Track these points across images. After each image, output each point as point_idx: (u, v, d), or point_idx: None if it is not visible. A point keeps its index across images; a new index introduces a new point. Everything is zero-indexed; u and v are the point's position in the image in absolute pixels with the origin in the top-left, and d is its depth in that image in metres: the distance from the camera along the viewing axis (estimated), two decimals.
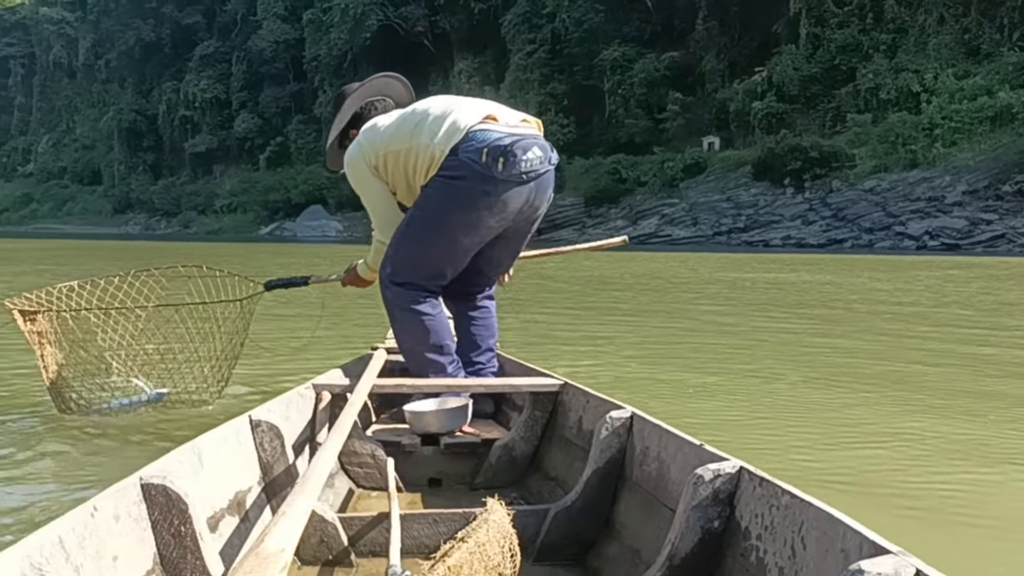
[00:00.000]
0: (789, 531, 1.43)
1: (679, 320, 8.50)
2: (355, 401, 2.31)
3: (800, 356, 5.71)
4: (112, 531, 1.41)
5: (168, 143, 77.26)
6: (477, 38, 59.99)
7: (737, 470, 1.64)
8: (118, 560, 1.40)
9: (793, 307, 10.13)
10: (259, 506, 2.08)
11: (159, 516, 1.54)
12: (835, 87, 44.68)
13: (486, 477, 2.77)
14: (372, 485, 2.70)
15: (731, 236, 40.29)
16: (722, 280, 15.53)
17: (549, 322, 7.72)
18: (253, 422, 2.17)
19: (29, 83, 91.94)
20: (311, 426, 2.64)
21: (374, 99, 3.32)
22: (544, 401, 2.80)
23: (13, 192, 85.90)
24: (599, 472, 2.17)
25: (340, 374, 3.02)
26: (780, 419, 3.80)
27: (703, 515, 1.63)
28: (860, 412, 3.98)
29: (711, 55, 51.11)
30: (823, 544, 1.33)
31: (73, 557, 1.28)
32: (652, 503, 1.96)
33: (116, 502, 1.45)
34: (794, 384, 4.73)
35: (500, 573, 1.51)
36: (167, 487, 1.54)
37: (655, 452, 2.02)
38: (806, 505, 1.40)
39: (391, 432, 2.97)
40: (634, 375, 4.85)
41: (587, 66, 52.93)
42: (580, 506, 2.15)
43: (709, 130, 49.23)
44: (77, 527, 1.32)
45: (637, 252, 31.53)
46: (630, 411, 2.21)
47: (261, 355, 4.71)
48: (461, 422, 2.93)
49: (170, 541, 1.54)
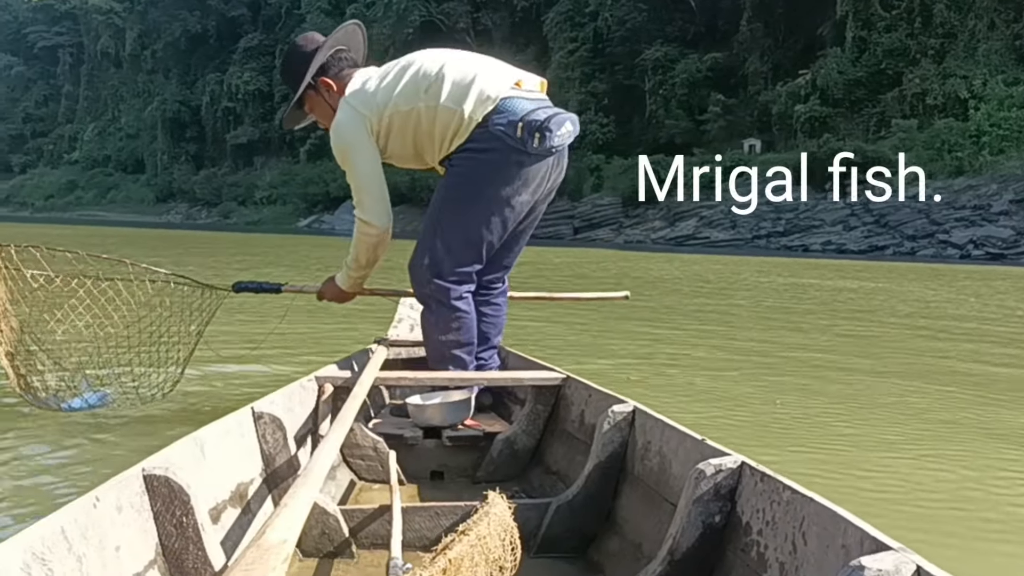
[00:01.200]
0: (790, 526, 1.43)
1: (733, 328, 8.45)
2: (357, 394, 2.32)
3: (851, 375, 5.59)
4: (114, 522, 1.41)
5: (210, 134, 78.04)
6: (519, 35, 59.87)
7: (739, 465, 1.64)
8: (120, 551, 1.40)
9: (858, 315, 9.94)
10: (261, 498, 2.09)
11: (161, 507, 1.54)
12: (880, 92, 43.99)
13: (488, 470, 2.78)
14: (374, 478, 2.72)
15: (770, 240, 39.86)
16: (790, 286, 15.26)
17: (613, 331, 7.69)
18: (256, 414, 2.18)
19: (77, 72, 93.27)
20: (313, 418, 2.64)
21: (340, 50, 3.01)
22: (546, 395, 2.80)
23: (59, 179, 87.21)
24: (601, 466, 2.17)
25: (343, 367, 3.01)
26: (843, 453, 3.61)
27: (704, 510, 1.63)
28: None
29: (754, 57, 50.59)
30: (824, 540, 1.33)
31: (76, 547, 1.28)
32: (653, 497, 1.96)
33: (118, 493, 1.46)
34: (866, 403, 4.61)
35: (501, 566, 1.51)
36: (169, 478, 1.55)
37: (657, 446, 2.02)
38: (807, 501, 1.40)
39: (393, 425, 3.00)
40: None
41: (628, 65, 52.62)
42: (581, 500, 2.15)
43: (750, 132, 48.71)
44: (79, 517, 1.32)
45: (676, 254, 31.31)
46: (632, 405, 2.21)
47: (259, 349, 4.73)
48: (464, 415, 2.93)
49: (172, 532, 1.55)
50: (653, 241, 42.40)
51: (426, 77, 2.81)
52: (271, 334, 4.70)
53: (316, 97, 2.96)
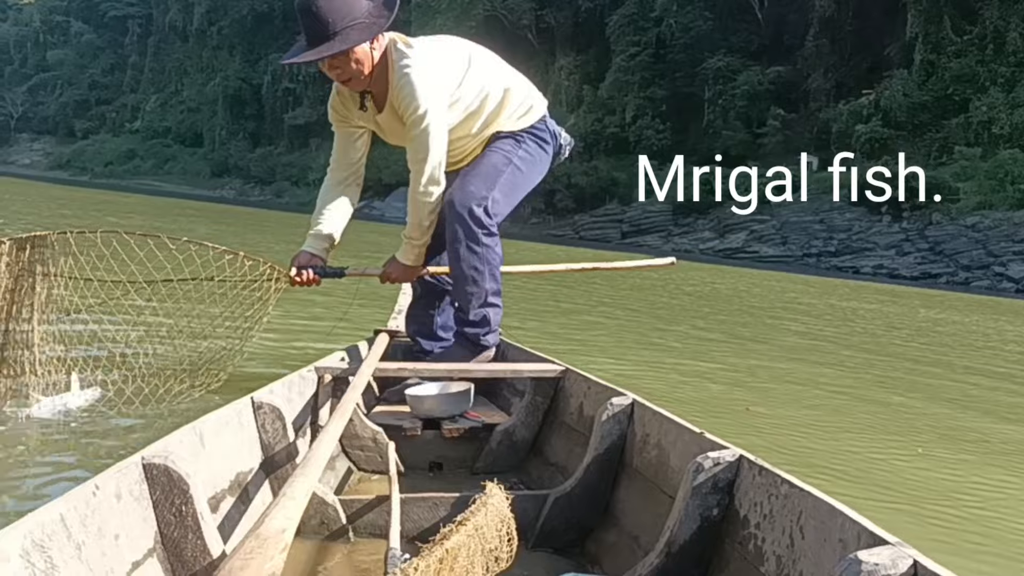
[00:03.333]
0: (788, 520, 1.43)
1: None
2: (357, 384, 2.34)
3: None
4: (114, 510, 1.41)
5: (269, 113, 78.84)
6: (581, 35, 59.69)
7: (737, 458, 1.65)
8: (119, 539, 1.40)
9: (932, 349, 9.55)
10: (260, 487, 2.09)
11: (161, 496, 1.54)
12: (945, 117, 43.14)
13: (486, 462, 2.79)
14: (373, 468, 2.73)
15: (820, 259, 39.31)
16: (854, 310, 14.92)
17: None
18: (255, 404, 2.19)
19: (144, 43, 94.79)
20: (313, 408, 2.65)
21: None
22: (546, 387, 2.80)
23: (119, 147, 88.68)
24: (599, 458, 2.17)
25: (343, 357, 3.04)
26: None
27: (702, 503, 1.63)
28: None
29: (818, 73, 49.90)
30: (821, 533, 1.33)
31: (75, 535, 1.28)
32: (652, 490, 1.96)
33: (118, 481, 1.46)
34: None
35: (498, 557, 1.52)
36: (169, 467, 1.55)
37: (655, 439, 2.02)
38: (805, 495, 1.40)
39: (393, 415, 2.98)
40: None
41: (689, 73, 52.20)
42: (579, 492, 2.15)
43: (807, 149, 48.05)
44: (79, 505, 1.32)
45: (725, 267, 31.00)
46: (631, 398, 2.21)
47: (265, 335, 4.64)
48: (463, 407, 2.94)
49: (171, 521, 1.54)
50: (701, 251, 42.04)
51: (491, 61, 3.07)
52: (338, 322, 4.57)
53: (367, 49, 2.76)
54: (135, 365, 3.45)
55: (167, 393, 3.37)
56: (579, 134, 55.87)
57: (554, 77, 61.11)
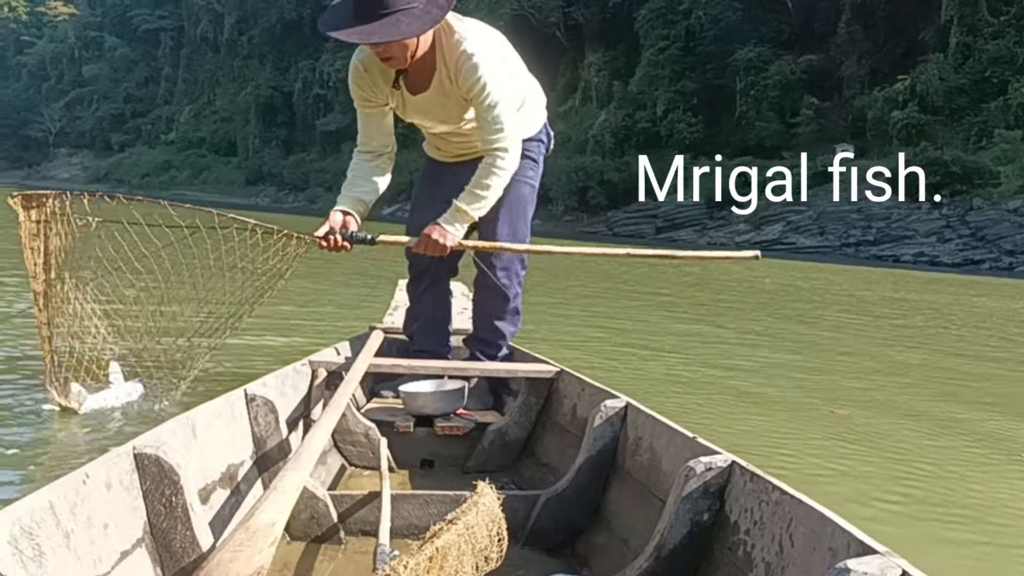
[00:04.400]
0: (778, 527, 1.42)
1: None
2: (351, 379, 2.35)
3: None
4: (103, 499, 1.41)
5: (301, 120, 79.51)
6: (609, 32, 59.46)
7: (729, 464, 1.64)
8: (108, 528, 1.40)
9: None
10: (251, 480, 2.10)
11: (151, 486, 1.54)
12: (984, 100, 42.38)
13: (478, 461, 2.79)
14: (364, 464, 2.73)
15: (859, 248, 38.80)
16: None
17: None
18: (248, 396, 2.18)
19: (177, 55, 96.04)
20: (306, 402, 2.66)
21: None
22: (540, 387, 2.79)
23: (155, 158, 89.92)
24: (591, 460, 2.16)
25: (337, 351, 3.04)
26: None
27: (693, 507, 1.63)
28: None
29: (851, 60, 49.27)
30: (811, 541, 1.32)
31: (64, 523, 1.28)
32: (643, 493, 1.95)
33: (108, 470, 1.45)
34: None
35: (488, 557, 1.52)
36: (160, 457, 1.54)
37: (648, 443, 2.01)
38: (796, 502, 1.39)
39: (386, 412, 2.99)
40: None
41: (720, 65, 51.78)
42: (571, 493, 2.15)
43: (843, 137, 47.49)
44: (68, 493, 1.32)
45: (764, 259, 30.66)
46: (625, 400, 2.20)
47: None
48: (456, 405, 2.93)
49: (161, 511, 1.54)
50: (737, 245, 41.67)
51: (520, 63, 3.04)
52: (364, 299, 4.48)
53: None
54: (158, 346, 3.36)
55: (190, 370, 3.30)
56: (610, 130, 55.81)
57: (583, 74, 60.97)
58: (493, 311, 3.14)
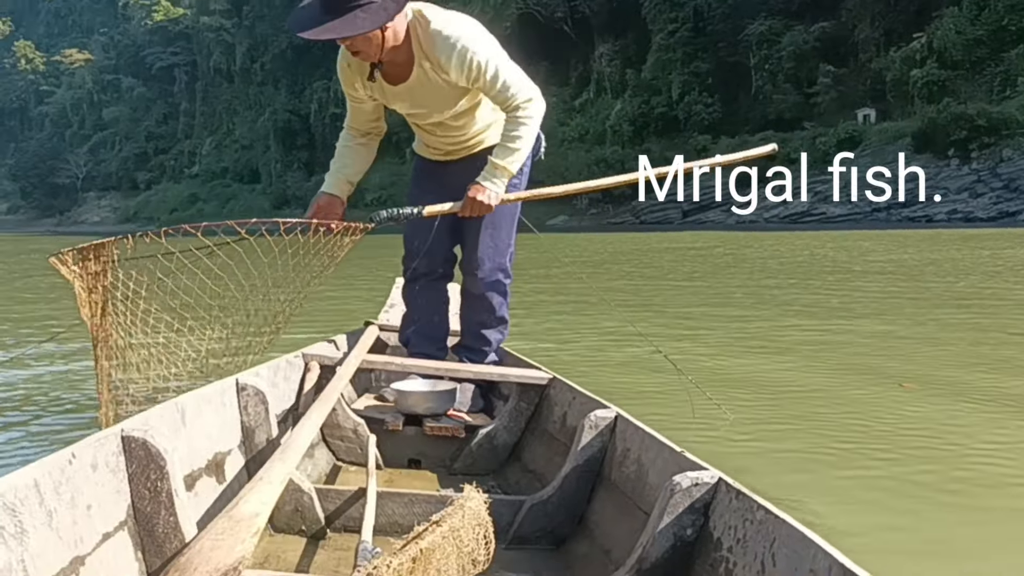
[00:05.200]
0: (761, 546, 1.42)
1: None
2: (343, 374, 2.35)
3: None
4: (88, 479, 1.40)
5: (320, 140, 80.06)
6: (617, 20, 59.30)
7: (715, 481, 1.62)
8: (92, 509, 1.40)
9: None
10: (237, 469, 2.08)
11: (137, 469, 1.53)
12: (1004, 49, 41.70)
13: (465, 463, 2.76)
14: (352, 460, 2.71)
15: (891, 212, 38.34)
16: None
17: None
18: (239, 385, 2.18)
19: (192, 89, 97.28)
20: (297, 395, 2.64)
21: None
22: (531, 393, 2.78)
23: (181, 193, 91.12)
24: (578, 469, 2.15)
25: (330, 346, 3.01)
26: None
27: (677, 522, 1.62)
28: None
29: (865, 23, 48.72)
30: (793, 562, 1.32)
31: (47, 501, 1.27)
32: (627, 505, 1.93)
33: (95, 451, 1.45)
34: None
35: (474, 560, 1.50)
36: (147, 441, 1.54)
37: (635, 455, 1.99)
38: (780, 522, 1.39)
39: (376, 409, 2.96)
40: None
41: (732, 42, 51.47)
42: (556, 501, 2.14)
43: (864, 102, 46.99)
44: (53, 472, 1.31)
45: (792, 232, 30.37)
46: (615, 411, 2.17)
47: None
48: (447, 406, 2.91)
49: (145, 495, 1.54)
50: (766, 220, 41.35)
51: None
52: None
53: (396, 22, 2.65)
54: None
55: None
56: (627, 118, 55.63)
57: (595, 65, 60.86)
58: (479, 319, 3.15)
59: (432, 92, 2.82)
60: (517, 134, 2.77)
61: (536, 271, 12.39)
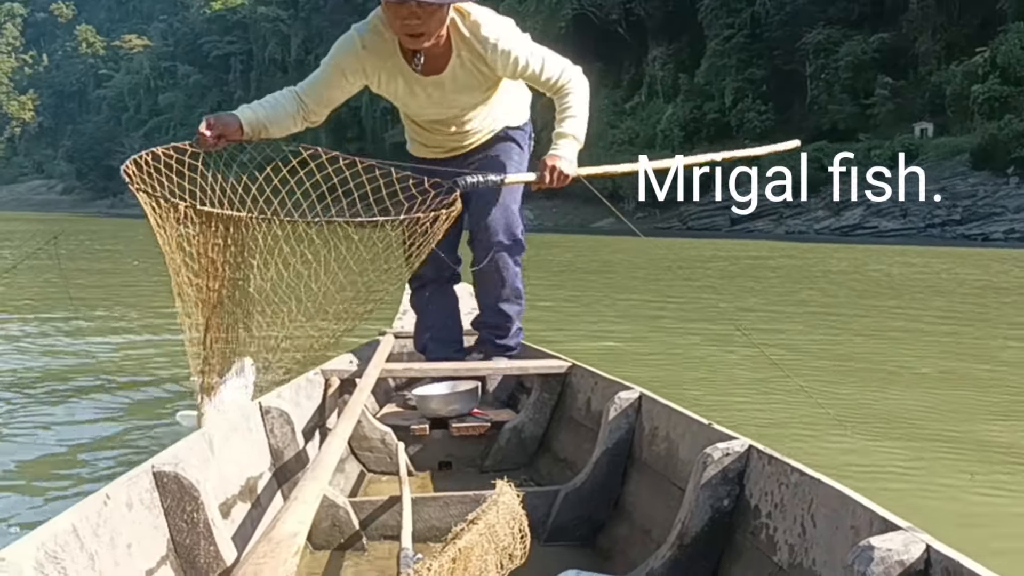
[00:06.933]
0: (799, 509, 1.43)
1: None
2: (364, 386, 2.34)
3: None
4: (125, 519, 1.40)
5: (370, 133, 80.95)
6: (672, 24, 58.95)
7: (746, 449, 1.62)
8: (132, 547, 1.39)
9: None
10: (270, 492, 2.09)
11: (172, 504, 1.54)
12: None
13: (495, 460, 2.78)
14: (382, 469, 2.73)
15: (945, 228, 37.63)
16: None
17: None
18: (263, 409, 2.18)
19: (247, 78, 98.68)
20: (321, 412, 2.66)
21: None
22: (552, 383, 2.80)
23: None
24: (608, 453, 2.16)
25: (349, 359, 3.02)
26: None
27: (712, 494, 1.63)
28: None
29: (926, 35, 47.85)
30: (833, 521, 1.33)
31: (87, 545, 1.27)
32: (662, 483, 1.94)
33: (128, 490, 1.45)
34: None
35: (511, 555, 1.51)
36: (179, 475, 1.54)
37: (664, 432, 2.00)
38: (816, 483, 1.40)
39: (400, 416, 2.99)
40: None
41: (788, 50, 50.87)
42: (590, 487, 2.14)
43: (921, 116, 46.18)
44: (91, 515, 1.31)
45: (844, 245, 29.91)
46: (638, 391, 2.19)
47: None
48: (470, 405, 2.92)
49: (183, 528, 1.54)
50: (816, 232, 40.80)
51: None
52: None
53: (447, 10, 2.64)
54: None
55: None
56: (678, 123, 55.26)
57: (648, 69, 60.55)
58: (496, 295, 3.10)
59: (463, 84, 2.81)
60: (577, 105, 2.82)
61: (629, 278, 12.23)
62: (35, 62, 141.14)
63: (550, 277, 12.96)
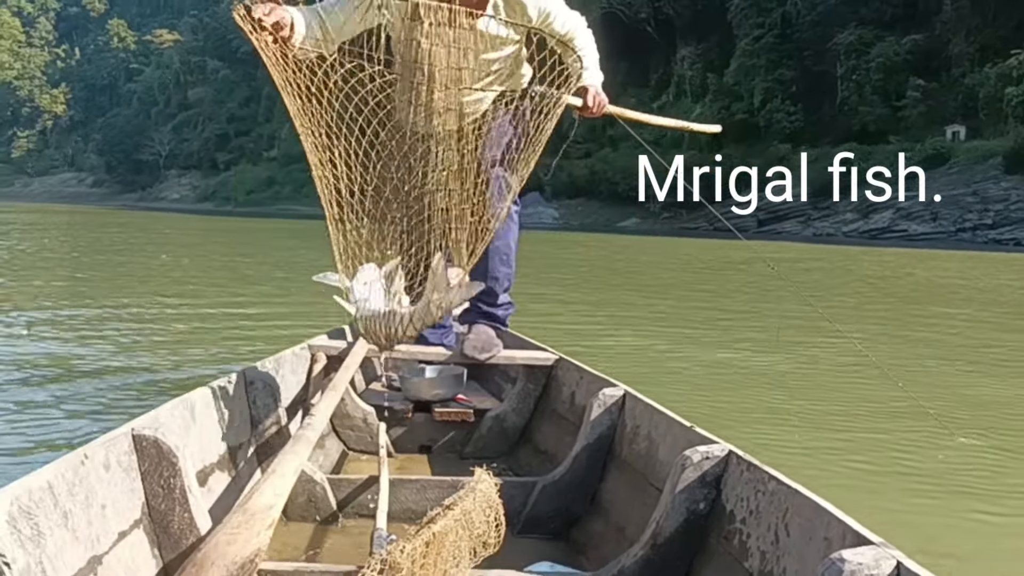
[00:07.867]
0: (774, 516, 1.43)
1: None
2: (349, 364, 2.35)
3: None
4: (102, 479, 1.40)
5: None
6: (701, 23, 58.62)
7: (726, 454, 1.65)
8: (106, 508, 1.39)
9: None
10: (249, 462, 2.10)
11: (149, 467, 1.53)
12: None
13: (476, 447, 2.79)
14: (363, 448, 2.74)
15: (976, 233, 37.12)
16: None
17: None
18: (247, 379, 2.18)
19: None
20: (305, 387, 2.66)
21: None
22: (538, 375, 2.80)
23: (259, 175, 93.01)
24: (589, 448, 2.15)
25: (336, 336, 3.01)
26: None
27: (689, 496, 1.64)
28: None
29: (959, 37, 47.26)
30: (806, 531, 1.33)
31: (62, 503, 1.27)
32: (639, 482, 1.94)
33: (107, 451, 1.44)
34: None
35: (485, 543, 1.53)
36: (158, 439, 1.53)
37: (645, 431, 1.99)
38: (792, 492, 1.41)
39: (384, 397, 2.98)
40: None
41: (818, 51, 50.42)
42: (568, 481, 2.14)
43: (954, 118, 45.62)
44: (67, 473, 1.31)
45: (873, 248, 29.56)
46: (623, 389, 2.17)
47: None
48: (455, 390, 2.92)
49: (159, 493, 1.53)
50: (845, 235, 40.41)
51: None
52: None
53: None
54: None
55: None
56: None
57: (676, 68, 60.25)
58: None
59: (492, 37, 2.74)
60: (592, 46, 2.91)
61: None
62: (67, 56, 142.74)
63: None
